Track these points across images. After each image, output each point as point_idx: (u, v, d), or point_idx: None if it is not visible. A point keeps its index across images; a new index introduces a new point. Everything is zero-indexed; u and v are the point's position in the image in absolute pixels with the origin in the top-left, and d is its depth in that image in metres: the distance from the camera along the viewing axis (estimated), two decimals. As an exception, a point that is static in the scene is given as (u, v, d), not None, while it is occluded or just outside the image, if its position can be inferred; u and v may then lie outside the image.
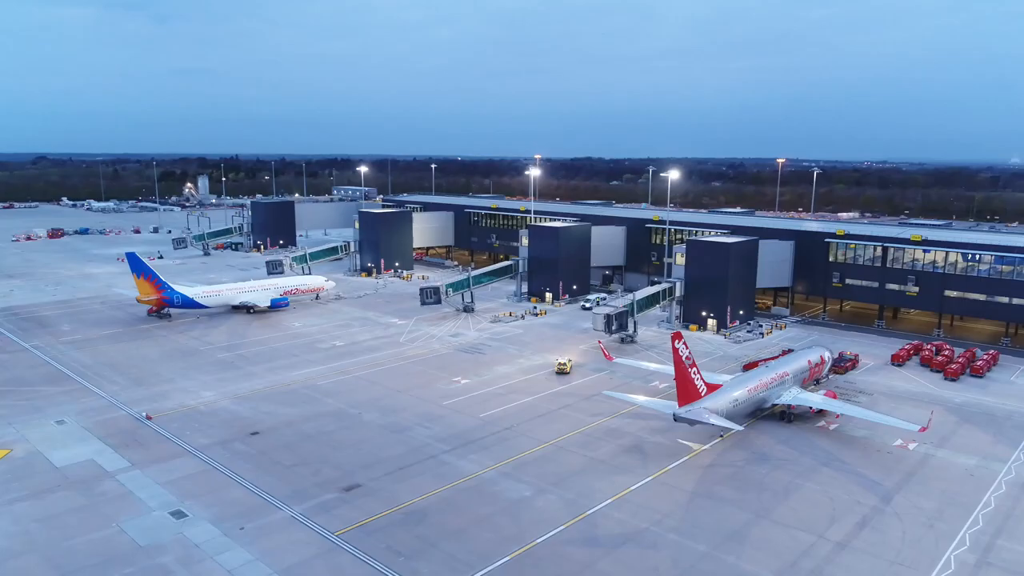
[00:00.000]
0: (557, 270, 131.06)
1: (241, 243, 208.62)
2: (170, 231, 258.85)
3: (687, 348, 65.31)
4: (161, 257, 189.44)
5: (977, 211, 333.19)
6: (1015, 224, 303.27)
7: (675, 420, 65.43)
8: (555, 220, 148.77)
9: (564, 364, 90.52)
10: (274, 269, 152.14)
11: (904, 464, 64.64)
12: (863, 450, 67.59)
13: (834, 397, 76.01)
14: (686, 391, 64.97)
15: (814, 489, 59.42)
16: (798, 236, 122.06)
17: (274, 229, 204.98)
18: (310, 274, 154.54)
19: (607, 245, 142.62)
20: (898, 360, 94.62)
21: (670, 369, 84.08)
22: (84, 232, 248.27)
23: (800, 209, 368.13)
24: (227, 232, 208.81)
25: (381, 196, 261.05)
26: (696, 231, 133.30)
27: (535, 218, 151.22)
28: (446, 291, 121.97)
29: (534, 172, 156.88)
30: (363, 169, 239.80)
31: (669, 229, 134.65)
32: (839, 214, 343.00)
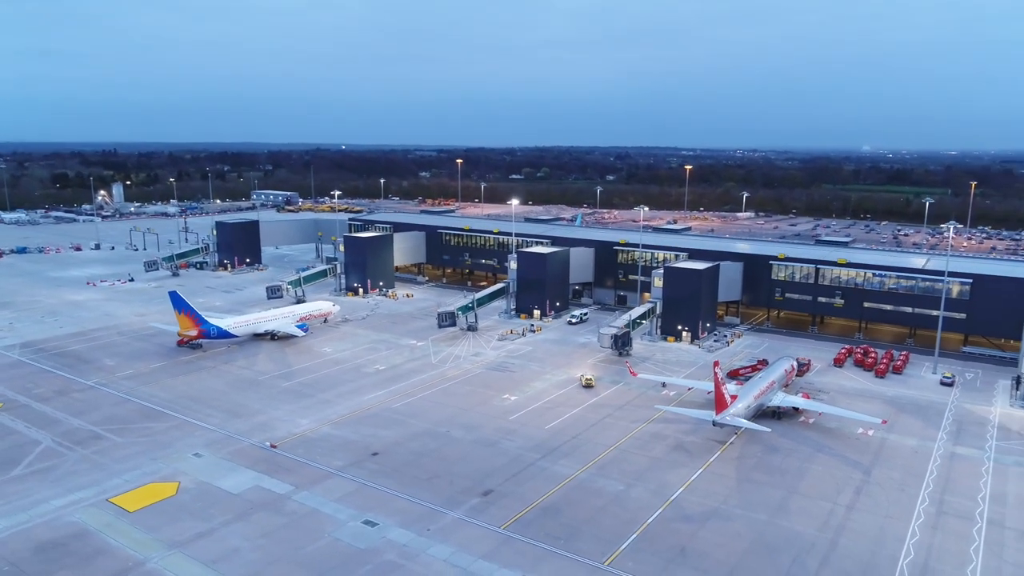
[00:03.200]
0: (544, 290, 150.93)
1: (206, 262, 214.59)
2: (113, 247, 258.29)
3: (722, 371, 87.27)
4: (132, 280, 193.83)
5: (853, 210, 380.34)
6: (884, 223, 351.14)
7: (714, 425, 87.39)
8: (534, 244, 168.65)
9: (590, 379, 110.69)
10: (274, 294, 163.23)
11: (870, 447, 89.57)
12: (839, 438, 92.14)
13: (808, 398, 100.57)
14: (720, 402, 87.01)
15: (818, 470, 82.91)
16: (747, 259, 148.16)
17: (240, 248, 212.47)
18: (304, 296, 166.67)
19: (580, 265, 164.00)
20: (839, 362, 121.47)
21: (685, 382, 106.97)
22: (23, 251, 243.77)
23: (702, 208, 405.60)
24: (195, 252, 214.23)
25: (338, 202, 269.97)
26: (659, 254, 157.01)
27: (520, 242, 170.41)
28: (458, 314, 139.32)
29: (514, 202, 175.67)
30: (338, 195, 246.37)
31: (643, 253, 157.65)
32: (737, 214, 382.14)
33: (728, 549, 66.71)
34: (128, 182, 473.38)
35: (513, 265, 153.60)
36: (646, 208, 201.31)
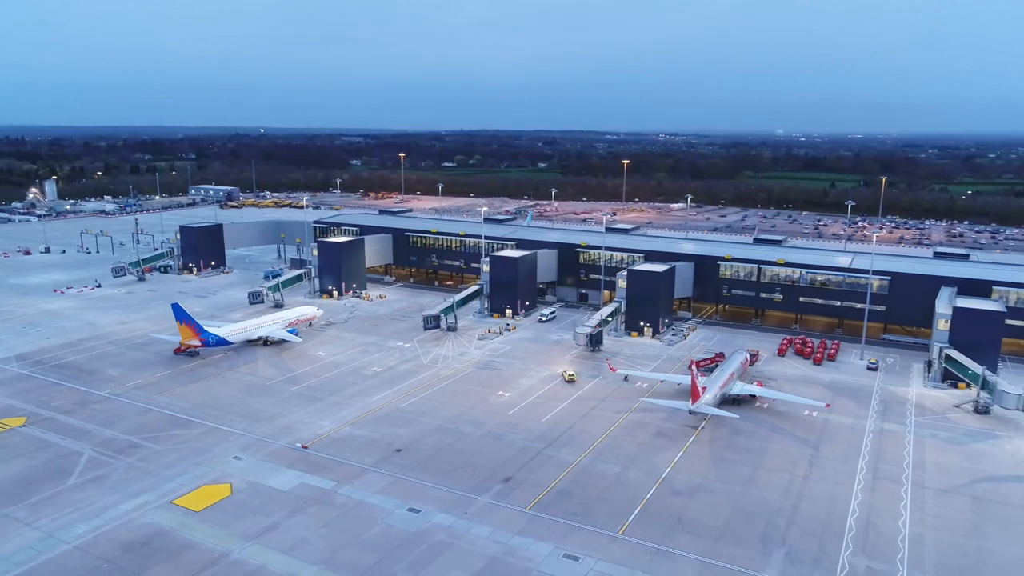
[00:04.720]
0: (516, 291, 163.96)
1: (170, 266, 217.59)
2: (64, 250, 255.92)
3: (696, 366, 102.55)
4: (99, 286, 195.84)
5: (776, 200, 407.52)
6: (805, 213, 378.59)
7: (690, 413, 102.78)
8: (502, 247, 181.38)
9: (572, 374, 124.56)
10: (255, 299, 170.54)
11: (815, 426, 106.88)
12: (790, 420, 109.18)
13: (761, 385, 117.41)
14: (695, 393, 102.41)
15: (776, 448, 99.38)
16: (697, 259, 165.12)
17: (205, 251, 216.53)
18: (283, 300, 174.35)
19: (545, 265, 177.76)
20: (781, 352, 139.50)
21: (654, 375, 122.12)
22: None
23: (637, 199, 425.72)
24: (160, 256, 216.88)
25: (304, 200, 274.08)
26: (618, 255, 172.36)
27: (487, 245, 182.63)
28: (441, 316, 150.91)
29: (483, 209, 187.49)
30: (306, 198, 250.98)
31: (602, 253, 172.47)
32: (671, 206, 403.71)
33: (715, 516, 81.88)
34: (55, 177, 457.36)
35: (486, 268, 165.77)
36: (599, 210, 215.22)
